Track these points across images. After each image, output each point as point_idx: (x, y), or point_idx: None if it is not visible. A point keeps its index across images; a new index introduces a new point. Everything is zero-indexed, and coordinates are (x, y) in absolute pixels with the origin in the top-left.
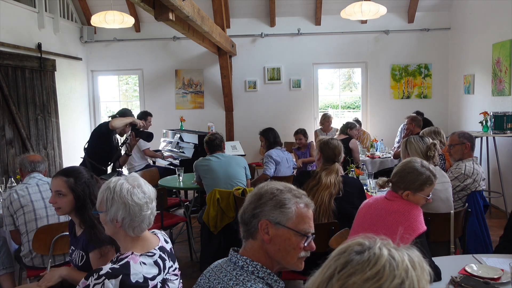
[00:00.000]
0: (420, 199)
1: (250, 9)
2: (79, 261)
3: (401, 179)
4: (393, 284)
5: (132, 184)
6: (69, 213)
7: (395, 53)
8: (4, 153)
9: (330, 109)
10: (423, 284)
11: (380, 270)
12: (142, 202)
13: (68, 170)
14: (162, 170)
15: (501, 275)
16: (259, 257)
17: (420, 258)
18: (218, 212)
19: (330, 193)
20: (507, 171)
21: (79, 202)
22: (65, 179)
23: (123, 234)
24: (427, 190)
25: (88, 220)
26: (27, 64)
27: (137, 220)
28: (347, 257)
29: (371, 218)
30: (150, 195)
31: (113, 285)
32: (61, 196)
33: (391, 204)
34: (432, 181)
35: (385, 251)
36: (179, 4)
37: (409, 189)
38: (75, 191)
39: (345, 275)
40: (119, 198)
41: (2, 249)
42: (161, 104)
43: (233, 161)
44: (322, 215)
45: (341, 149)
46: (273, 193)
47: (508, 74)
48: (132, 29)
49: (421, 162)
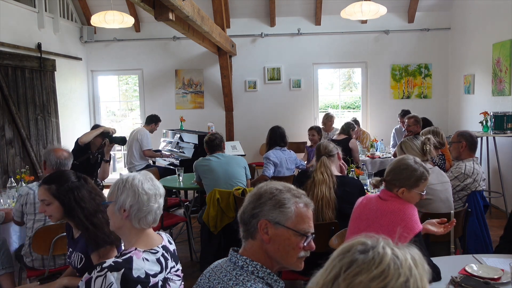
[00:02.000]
0: (415, 196)
1: (250, 9)
2: (78, 263)
3: (395, 176)
4: (398, 282)
5: (145, 177)
6: (63, 219)
7: (395, 53)
8: (4, 153)
9: (330, 109)
10: (425, 282)
11: (386, 269)
12: (151, 193)
13: (50, 178)
14: (162, 170)
15: (501, 275)
16: (259, 257)
17: (420, 256)
18: (218, 212)
19: (328, 186)
20: (507, 171)
21: (66, 208)
22: (47, 187)
23: (129, 226)
24: (422, 185)
25: (81, 223)
26: (27, 64)
27: (144, 210)
28: (352, 256)
29: (366, 219)
30: (159, 189)
31: (115, 278)
32: (47, 204)
33: (386, 204)
34: (426, 176)
35: (389, 250)
36: (179, 4)
37: (404, 186)
38: (58, 197)
39: (351, 275)
40: (130, 186)
41: (2, 249)
42: (161, 104)
43: (233, 161)
44: (325, 207)
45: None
46: (273, 193)
47: (508, 74)
48: (132, 29)
49: (413, 158)
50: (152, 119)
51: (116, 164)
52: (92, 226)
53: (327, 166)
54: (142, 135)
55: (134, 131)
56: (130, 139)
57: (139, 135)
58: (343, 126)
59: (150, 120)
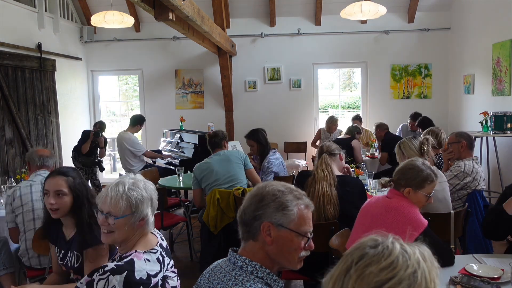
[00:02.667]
0: (421, 198)
1: (250, 9)
2: (75, 263)
3: (402, 176)
4: (407, 273)
5: (142, 179)
6: (66, 215)
7: (395, 53)
8: (4, 153)
9: (330, 109)
10: (433, 275)
11: (394, 261)
12: (156, 194)
13: (65, 169)
14: (162, 170)
15: (501, 275)
16: (259, 257)
17: (430, 253)
18: (218, 212)
19: (328, 182)
20: (507, 171)
21: (77, 202)
22: (65, 178)
23: (139, 232)
24: (428, 187)
25: (85, 219)
26: (27, 64)
27: (153, 213)
28: (362, 250)
29: (371, 216)
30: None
31: (117, 281)
32: (60, 196)
33: (391, 201)
34: (433, 179)
35: (397, 245)
36: (179, 4)
37: (410, 185)
38: (75, 190)
39: (362, 266)
40: (147, 194)
41: (2, 249)
42: (161, 104)
43: (232, 157)
44: (327, 203)
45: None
46: (275, 195)
47: (508, 74)
48: (132, 29)
49: (422, 161)
50: (137, 120)
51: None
52: (94, 224)
53: (327, 163)
54: (131, 143)
55: (118, 137)
56: (118, 146)
57: (127, 143)
58: (350, 127)
59: (136, 121)
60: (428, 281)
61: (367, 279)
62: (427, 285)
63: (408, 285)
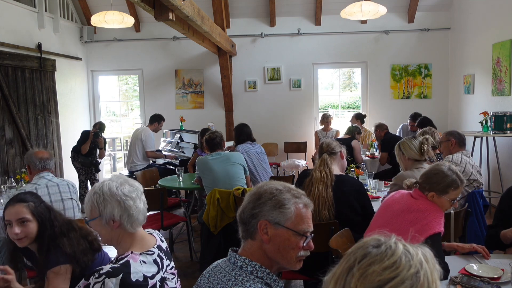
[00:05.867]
0: (445, 203)
1: (250, 9)
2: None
3: (427, 180)
4: (409, 272)
5: (118, 181)
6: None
7: (395, 53)
8: (4, 153)
9: (330, 109)
10: (435, 276)
11: (397, 260)
12: (134, 195)
13: (23, 196)
14: (162, 170)
15: (501, 275)
16: (258, 257)
17: (432, 254)
18: (218, 212)
19: (325, 184)
20: (507, 171)
21: (43, 226)
22: (25, 204)
23: (121, 233)
24: (452, 193)
25: (46, 244)
26: (27, 64)
27: (134, 213)
28: (365, 249)
29: (392, 211)
30: (138, 187)
31: (113, 283)
32: (25, 223)
33: (415, 202)
34: (458, 185)
35: (400, 245)
36: (179, 4)
37: (434, 190)
38: (38, 215)
39: (365, 265)
40: (111, 197)
41: (2, 249)
42: (161, 104)
43: (232, 158)
44: (321, 206)
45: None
46: (273, 193)
47: (508, 74)
48: (132, 29)
49: (449, 166)
50: (155, 118)
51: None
52: (53, 248)
53: (327, 164)
54: (147, 136)
55: (138, 130)
56: (132, 138)
57: (143, 135)
58: (350, 127)
59: (154, 119)
60: (430, 282)
61: (370, 278)
62: (429, 285)
63: (411, 285)
